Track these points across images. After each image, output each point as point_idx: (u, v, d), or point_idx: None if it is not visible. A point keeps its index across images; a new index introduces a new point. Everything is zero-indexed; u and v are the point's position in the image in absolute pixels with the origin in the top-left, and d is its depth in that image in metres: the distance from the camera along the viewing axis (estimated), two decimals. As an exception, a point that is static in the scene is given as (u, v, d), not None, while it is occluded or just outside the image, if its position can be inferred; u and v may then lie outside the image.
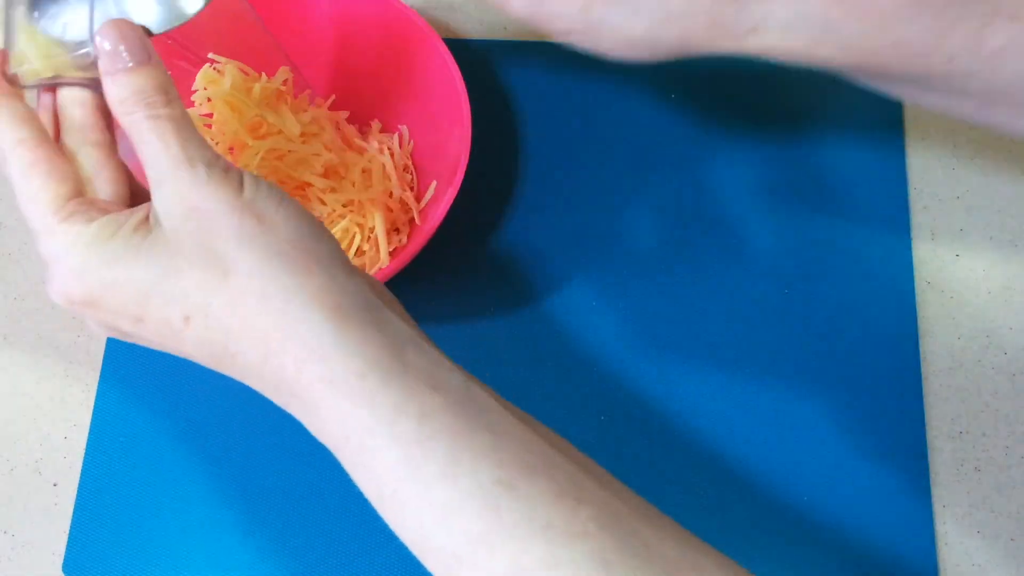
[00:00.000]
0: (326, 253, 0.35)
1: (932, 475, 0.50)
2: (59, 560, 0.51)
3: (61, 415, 0.54)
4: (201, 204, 0.34)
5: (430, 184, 0.54)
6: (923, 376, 0.52)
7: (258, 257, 0.34)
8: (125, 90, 0.35)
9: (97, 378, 0.54)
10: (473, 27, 0.62)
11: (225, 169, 0.35)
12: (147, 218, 0.35)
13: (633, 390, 0.53)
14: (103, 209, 0.36)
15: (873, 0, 0.40)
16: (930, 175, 0.57)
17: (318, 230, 0.35)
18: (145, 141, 0.35)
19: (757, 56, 0.43)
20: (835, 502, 0.50)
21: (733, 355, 0.53)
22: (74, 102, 0.39)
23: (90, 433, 0.53)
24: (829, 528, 0.50)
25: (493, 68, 0.60)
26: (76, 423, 0.54)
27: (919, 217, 0.56)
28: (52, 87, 0.39)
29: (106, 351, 0.55)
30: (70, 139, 0.38)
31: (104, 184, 0.38)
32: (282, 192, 0.35)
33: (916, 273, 0.54)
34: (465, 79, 0.51)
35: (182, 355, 0.36)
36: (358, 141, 0.56)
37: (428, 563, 0.33)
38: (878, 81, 0.43)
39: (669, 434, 0.52)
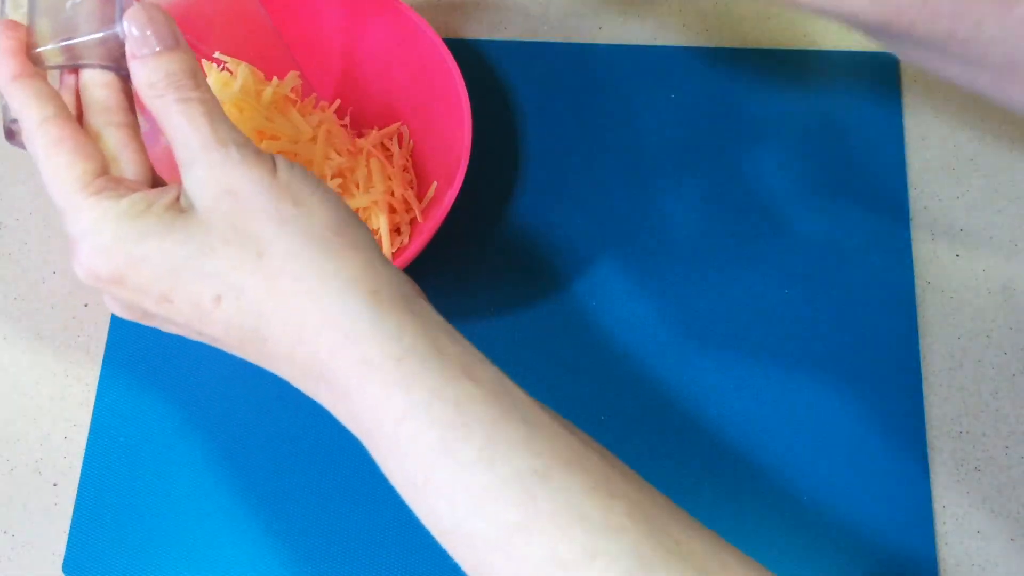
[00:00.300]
0: (362, 240, 0.35)
1: (932, 475, 0.50)
2: (59, 560, 0.51)
3: (61, 415, 0.54)
4: (235, 184, 0.33)
5: (431, 184, 0.54)
6: (923, 376, 0.52)
7: (295, 240, 0.33)
8: (155, 74, 0.35)
9: (97, 378, 0.54)
10: (473, 27, 0.62)
11: (257, 152, 0.34)
12: (177, 199, 0.35)
13: (632, 389, 0.53)
14: (131, 188, 0.36)
15: None
16: (930, 175, 0.57)
17: (353, 217, 0.35)
18: (174, 124, 0.35)
19: (790, 4, 0.42)
20: (835, 502, 0.50)
21: (732, 355, 0.53)
22: (97, 83, 0.38)
23: (90, 433, 0.53)
24: (829, 528, 0.50)
25: (493, 68, 0.60)
26: (76, 423, 0.54)
27: (919, 217, 0.56)
28: (75, 68, 0.38)
29: (106, 351, 0.55)
30: (93, 120, 0.37)
31: (128, 165, 0.37)
32: (317, 178, 0.35)
33: (916, 273, 0.54)
34: (465, 79, 0.51)
35: (205, 338, 0.36)
36: (359, 141, 0.56)
37: (458, 553, 0.33)
38: (901, 44, 0.43)
39: (668, 435, 0.52)
